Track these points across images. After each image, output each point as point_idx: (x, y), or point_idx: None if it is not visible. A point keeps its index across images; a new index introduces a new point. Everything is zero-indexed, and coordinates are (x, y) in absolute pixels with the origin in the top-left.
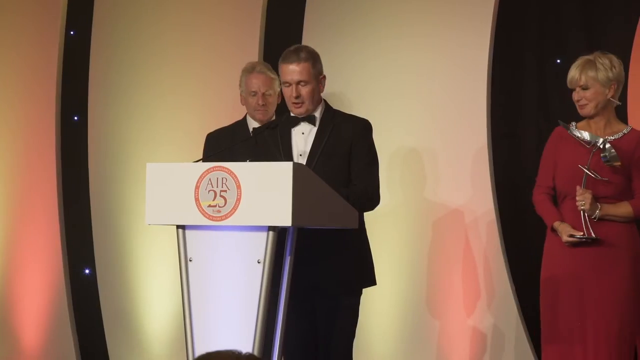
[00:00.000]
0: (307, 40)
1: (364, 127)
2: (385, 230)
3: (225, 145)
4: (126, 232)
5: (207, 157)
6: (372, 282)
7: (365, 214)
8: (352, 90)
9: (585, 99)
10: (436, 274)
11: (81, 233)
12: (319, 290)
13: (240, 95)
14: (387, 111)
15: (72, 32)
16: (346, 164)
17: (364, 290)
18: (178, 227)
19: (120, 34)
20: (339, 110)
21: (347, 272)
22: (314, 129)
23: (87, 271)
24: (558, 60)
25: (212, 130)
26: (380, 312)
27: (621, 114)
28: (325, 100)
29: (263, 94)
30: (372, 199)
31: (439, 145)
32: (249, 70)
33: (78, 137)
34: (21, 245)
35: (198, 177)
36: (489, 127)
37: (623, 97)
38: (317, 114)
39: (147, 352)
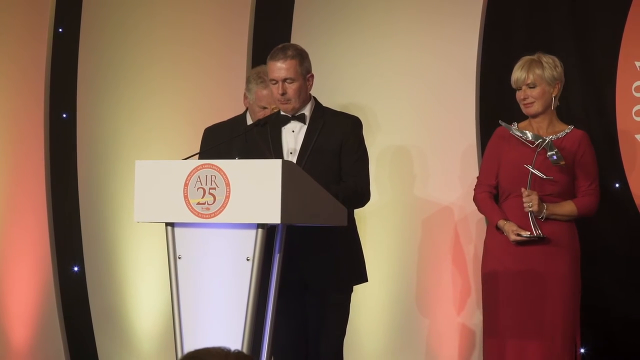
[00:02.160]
0: (296, 38)
1: (354, 124)
2: (375, 228)
3: (221, 140)
4: (115, 229)
5: (203, 152)
6: (363, 279)
7: (355, 211)
8: (341, 88)
9: (532, 97)
10: (426, 272)
11: (70, 230)
12: (309, 288)
13: (245, 96)
14: (377, 109)
15: (60, 30)
16: (337, 161)
17: (354, 288)
18: (167, 224)
19: (109, 31)
20: (329, 108)
21: (338, 269)
22: (304, 127)
23: (75, 269)
24: None
25: (203, 127)
26: (370, 309)
27: (610, 112)
28: (315, 98)
29: (272, 109)
30: (362, 196)
31: (428, 143)
32: (263, 82)
33: (67, 134)
34: (10, 243)
35: (187, 174)
36: (478, 124)
37: (611, 96)
38: (307, 112)
39: (136, 350)
